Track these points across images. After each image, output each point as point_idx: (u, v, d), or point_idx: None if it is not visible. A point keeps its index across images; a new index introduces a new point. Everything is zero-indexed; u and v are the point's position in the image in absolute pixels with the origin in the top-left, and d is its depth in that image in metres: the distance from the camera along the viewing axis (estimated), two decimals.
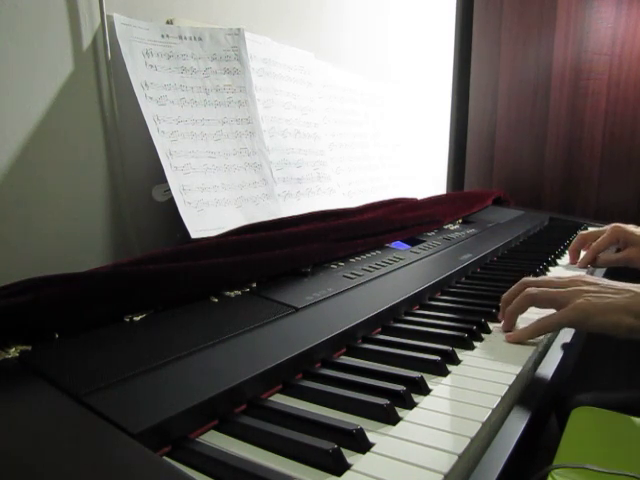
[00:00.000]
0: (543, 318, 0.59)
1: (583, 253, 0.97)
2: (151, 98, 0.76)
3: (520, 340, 0.58)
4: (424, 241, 0.96)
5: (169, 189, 0.74)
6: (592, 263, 0.93)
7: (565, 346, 0.63)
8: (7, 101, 0.66)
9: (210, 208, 0.78)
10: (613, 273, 0.97)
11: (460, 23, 1.86)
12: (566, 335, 0.68)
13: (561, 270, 0.93)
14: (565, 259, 1.01)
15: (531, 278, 0.65)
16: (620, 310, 0.54)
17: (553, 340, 0.64)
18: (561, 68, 1.65)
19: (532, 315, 0.62)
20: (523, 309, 0.62)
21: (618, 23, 1.55)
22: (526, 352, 0.55)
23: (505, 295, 0.65)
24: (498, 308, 0.67)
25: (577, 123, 1.65)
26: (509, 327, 0.61)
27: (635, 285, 0.57)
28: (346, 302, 0.62)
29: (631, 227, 0.91)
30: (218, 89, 0.86)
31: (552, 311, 0.62)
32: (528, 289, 0.61)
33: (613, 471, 0.46)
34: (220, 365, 0.44)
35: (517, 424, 0.45)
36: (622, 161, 1.60)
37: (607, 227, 0.94)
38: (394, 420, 0.41)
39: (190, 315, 0.55)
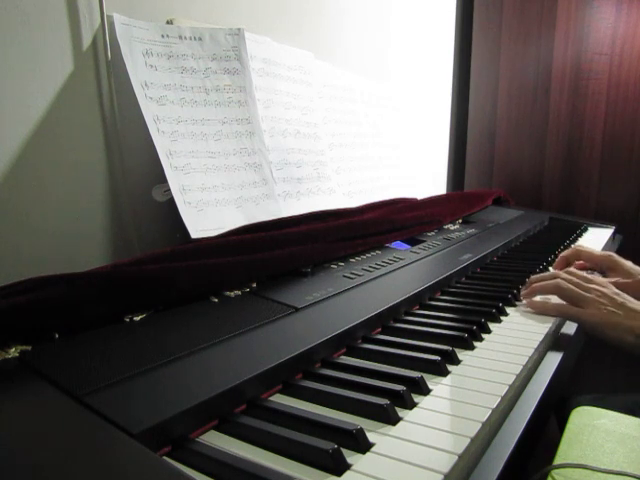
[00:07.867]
0: (565, 306, 0.68)
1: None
2: (151, 98, 0.76)
3: (536, 308, 0.69)
4: (424, 241, 0.96)
5: (169, 189, 0.74)
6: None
7: (565, 347, 0.63)
8: (7, 101, 0.66)
9: (210, 208, 0.78)
10: None
11: (460, 23, 1.86)
12: (566, 335, 0.68)
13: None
14: None
15: (565, 274, 0.73)
16: (625, 330, 0.63)
17: (553, 341, 0.64)
18: (561, 68, 1.65)
19: None
20: (546, 292, 0.71)
21: (618, 23, 1.55)
22: (526, 352, 0.55)
23: (535, 276, 0.75)
24: (498, 308, 0.67)
25: (577, 123, 1.65)
26: (527, 297, 0.72)
27: None
28: (346, 302, 0.62)
29: (628, 263, 0.85)
30: (218, 89, 0.86)
31: None
32: (559, 280, 0.70)
33: (613, 470, 0.46)
34: (220, 365, 0.44)
35: (517, 424, 0.45)
36: (622, 161, 1.60)
37: (602, 253, 0.89)
38: (394, 420, 0.41)
39: (190, 315, 0.55)
